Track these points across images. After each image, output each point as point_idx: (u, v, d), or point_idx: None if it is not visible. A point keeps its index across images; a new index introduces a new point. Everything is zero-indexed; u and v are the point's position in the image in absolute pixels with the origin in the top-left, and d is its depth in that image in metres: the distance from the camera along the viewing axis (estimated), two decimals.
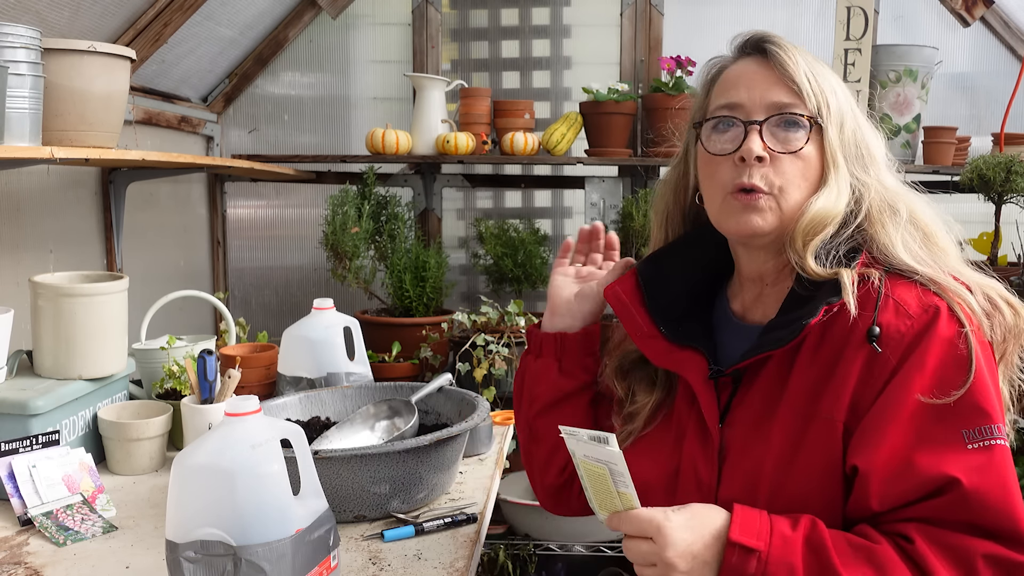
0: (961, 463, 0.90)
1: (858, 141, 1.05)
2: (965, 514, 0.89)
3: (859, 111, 1.07)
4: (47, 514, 1.38)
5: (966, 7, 2.84)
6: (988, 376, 0.93)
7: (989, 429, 0.91)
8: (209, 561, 1.01)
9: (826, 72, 1.05)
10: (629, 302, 1.13)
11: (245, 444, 1.04)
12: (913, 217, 1.04)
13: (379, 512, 1.40)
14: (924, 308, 0.95)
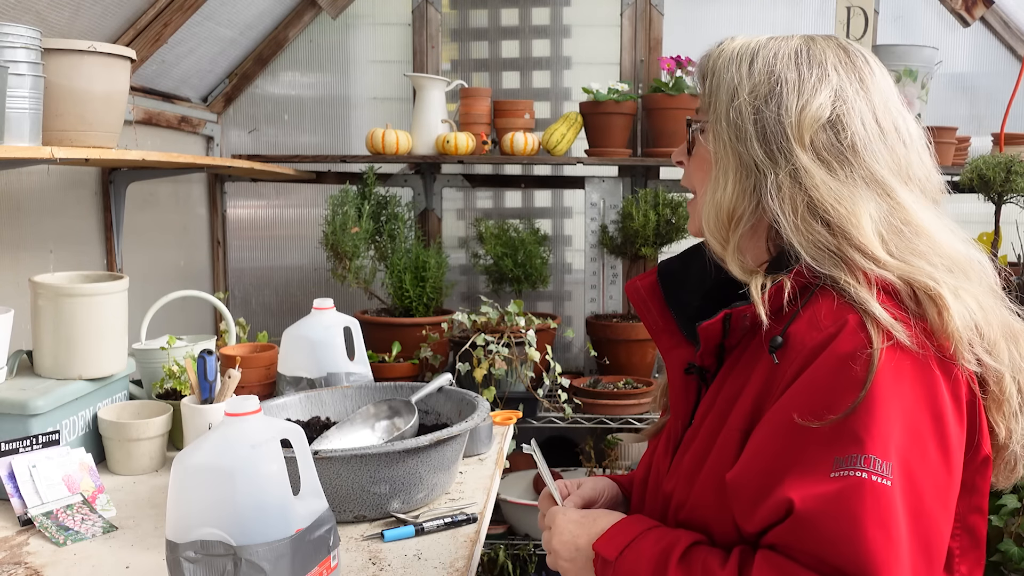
0: (809, 488, 0.82)
1: (766, 135, 0.95)
2: (808, 544, 0.82)
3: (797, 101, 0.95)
4: (47, 514, 1.38)
5: (966, 7, 2.84)
6: (886, 403, 0.83)
7: (855, 459, 0.81)
8: (209, 561, 1.01)
9: (743, 65, 0.97)
10: (647, 296, 1.12)
11: (245, 444, 1.04)
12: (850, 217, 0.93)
13: (379, 512, 1.40)
14: (833, 320, 0.87)
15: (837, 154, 0.94)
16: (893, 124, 0.97)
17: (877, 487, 0.81)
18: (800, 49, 0.98)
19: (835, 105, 0.95)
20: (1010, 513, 1.83)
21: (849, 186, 0.93)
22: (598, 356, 2.59)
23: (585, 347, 2.68)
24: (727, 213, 0.96)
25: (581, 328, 2.82)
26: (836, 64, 0.97)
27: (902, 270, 0.89)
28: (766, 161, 0.94)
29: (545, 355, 2.30)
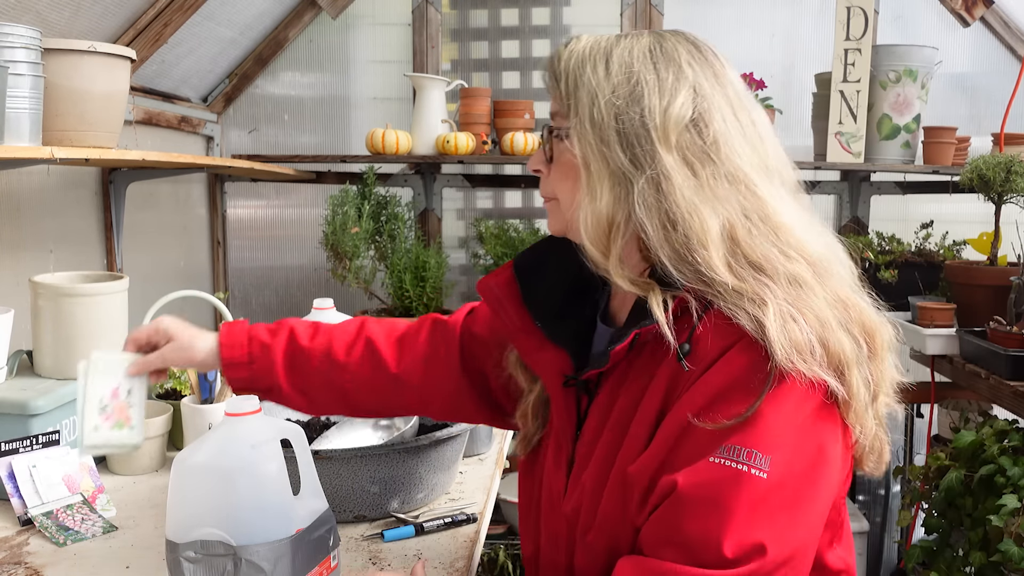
0: (693, 475, 0.85)
1: (631, 139, 0.92)
2: (677, 528, 0.84)
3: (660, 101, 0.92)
4: (47, 514, 1.38)
5: (966, 7, 2.84)
6: (774, 404, 0.85)
7: (738, 451, 0.84)
8: (209, 561, 1.01)
9: (599, 66, 0.94)
10: (503, 295, 1.07)
11: (245, 444, 1.04)
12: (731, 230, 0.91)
13: (379, 512, 1.40)
14: (730, 330, 0.88)
15: (701, 154, 0.91)
16: (750, 118, 0.96)
17: (754, 479, 0.83)
18: (653, 47, 0.95)
19: (695, 103, 0.92)
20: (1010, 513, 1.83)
21: (709, 190, 0.90)
22: None
23: None
24: (607, 222, 0.92)
25: None
26: (689, 60, 0.95)
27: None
28: (631, 168, 0.91)
29: None
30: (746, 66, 2.68)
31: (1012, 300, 2.12)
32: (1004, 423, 2.09)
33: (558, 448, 1.03)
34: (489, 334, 1.19)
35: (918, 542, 2.16)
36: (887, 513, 3.09)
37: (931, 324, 2.30)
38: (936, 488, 2.12)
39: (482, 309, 1.23)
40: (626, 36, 0.97)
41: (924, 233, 2.73)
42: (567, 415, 1.02)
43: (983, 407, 2.50)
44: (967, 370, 2.17)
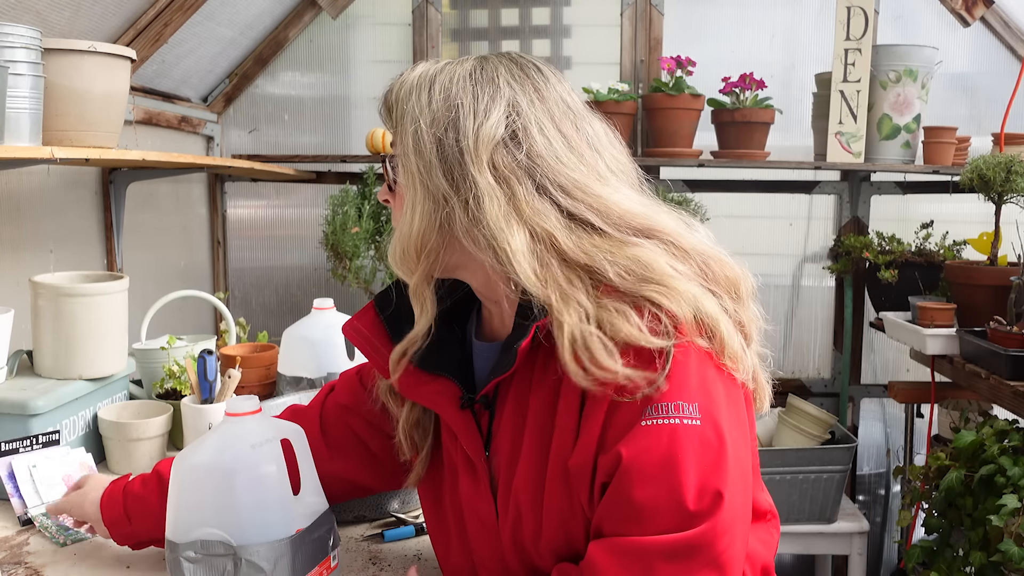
0: (632, 443, 0.86)
1: (448, 163, 0.94)
2: (629, 501, 0.85)
3: (473, 122, 0.94)
4: (47, 514, 1.38)
5: (966, 7, 2.84)
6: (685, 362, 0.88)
7: (666, 407, 0.86)
8: (209, 561, 1.01)
9: (422, 94, 0.96)
10: (372, 335, 1.07)
11: (245, 444, 1.04)
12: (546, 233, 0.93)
13: (379, 512, 1.40)
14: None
15: (518, 169, 0.93)
16: (577, 129, 0.98)
17: (689, 429, 0.85)
18: (474, 70, 0.97)
19: (510, 120, 0.94)
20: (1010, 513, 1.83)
21: (525, 205, 0.92)
22: None
23: None
24: (415, 247, 0.95)
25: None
26: (509, 79, 0.97)
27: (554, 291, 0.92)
28: (450, 191, 0.93)
29: None
30: (746, 66, 2.68)
31: (1012, 300, 2.12)
32: (1004, 423, 2.09)
33: (473, 474, 1.02)
34: (353, 399, 1.20)
35: (918, 542, 2.16)
36: (887, 513, 3.09)
37: (931, 324, 2.30)
38: (936, 488, 2.12)
39: (341, 380, 1.25)
40: (452, 62, 0.99)
41: (924, 233, 2.73)
42: (471, 437, 1.01)
43: (983, 407, 2.50)
44: (967, 370, 2.17)
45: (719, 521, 0.83)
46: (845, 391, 2.98)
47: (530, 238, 0.91)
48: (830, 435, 2.52)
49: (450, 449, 1.06)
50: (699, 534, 0.83)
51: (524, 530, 0.96)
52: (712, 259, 0.96)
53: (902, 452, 2.63)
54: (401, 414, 1.10)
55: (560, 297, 0.90)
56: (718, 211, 2.77)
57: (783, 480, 2.42)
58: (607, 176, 0.97)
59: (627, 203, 0.95)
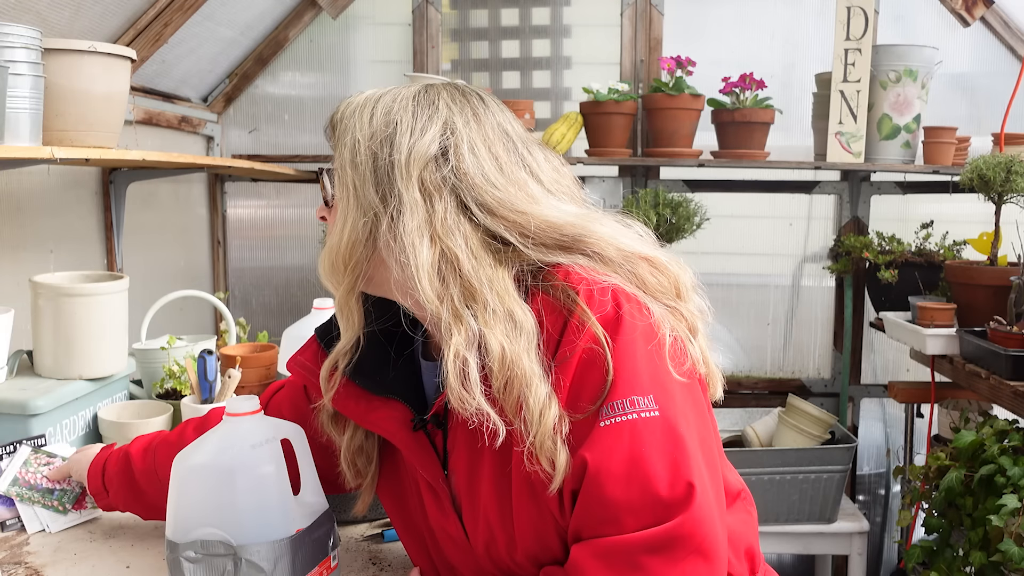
0: (595, 447, 0.86)
1: (379, 177, 0.97)
2: (604, 503, 0.85)
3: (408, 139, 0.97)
4: (14, 481, 1.36)
5: (966, 7, 2.84)
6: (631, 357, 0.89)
7: (621, 404, 0.86)
8: (209, 561, 1.01)
9: (364, 113, 1.00)
10: (315, 367, 1.07)
11: (245, 444, 1.04)
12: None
13: (379, 512, 1.40)
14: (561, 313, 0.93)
15: (442, 186, 0.95)
16: (507, 151, 0.99)
17: (648, 421, 0.86)
18: (418, 93, 1.00)
19: (443, 138, 0.97)
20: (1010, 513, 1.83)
21: (439, 222, 0.94)
22: None
23: None
24: (343, 259, 0.99)
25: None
26: (449, 102, 1.00)
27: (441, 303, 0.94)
28: (379, 204, 0.96)
29: None
30: (746, 66, 2.69)
31: (1012, 300, 2.12)
32: (1004, 423, 2.09)
33: (435, 496, 1.02)
34: (298, 414, 1.18)
35: (918, 542, 2.17)
36: (887, 513, 3.09)
37: (931, 324, 2.30)
38: (936, 488, 2.12)
39: (287, 390, 1.24)
40: (399, 87, 1.03)
41: (924, 233, 2.73)
42: (427, 459, 1.00)
43: (983, 407, 2.50)
44: (967, 370, 2.17)
45: (696, 508, 0.84)
46: (845, 391, 2.98)
47: (439, 256, 0.93)
48: (830, 435, 2.52)
49: (411, 471, 1.06)
50: (678, 524, 0.83)
51: (498, 545, 0.96)
52: (643, 263, 0.96)
53: (902, 452, 2.63)
54: (343, 441, 1.10)
55: (452, 316, 0.91)
56: (718, 211, 2.77)
57: (783, 480, 2.42)
58: (539, 196, 0.98)
59: (555, 216, 0.96)
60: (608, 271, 0.94)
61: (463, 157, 0.97)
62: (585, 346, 0.89)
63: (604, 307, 0.90)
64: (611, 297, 0.91)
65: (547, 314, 0.92)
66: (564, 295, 0.92)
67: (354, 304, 1.01)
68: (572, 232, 0.95)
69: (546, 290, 0.93)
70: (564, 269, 0.94)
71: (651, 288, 0.95)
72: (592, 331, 0.88)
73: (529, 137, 1.05)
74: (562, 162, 1.06)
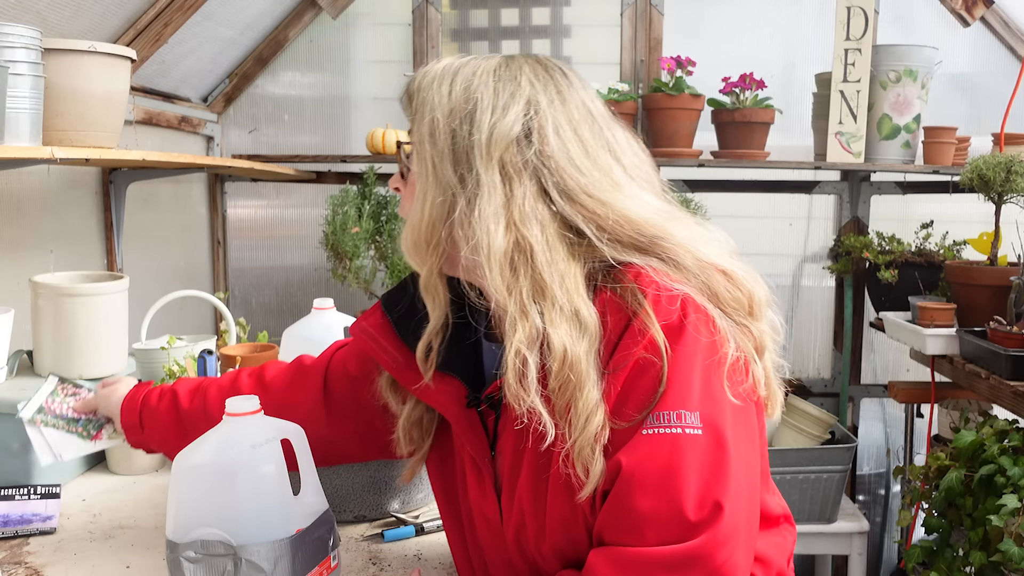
0: (632, 452, 0.85)
1: (457, 156, 0.93)
2: (630, 510, 0.84)
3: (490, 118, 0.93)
4: (40, 410, 1.32)
5: (966, 7, 2.84)
6: (681, 367, 0.86)
7: (667, 416, 0.85)
8: (209, 561, 1.01)
9: (443, 86, 0.96)
10: (378, 335, 1.06)
11: (245, 444, 1.04)
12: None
13: (379, 512, 1.40)
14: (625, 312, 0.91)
15: (523, 169, 0.92)
16: (593, 132, 0.96)
17: (691, 438, 0.84)
18: (499, 67, 0.96)
19: (527, 118, 0.93)
20: (1010, 513, 1.83)
21: (514, 210, 0.90)
22: None
23: None
24: (425, 238, 0.95)
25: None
26: (532, 78, 0.96)
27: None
28: (458, 185, 0.92)
29: None
30: (746, 66, 2.68)
31: (1012, 300, 2.12)
32: (1004, 423, 2.09)
33: (479, 475, 1.02)
34: (362, 371, 1.18)
35: (918, 542, 2.17)
36: (887, 513, 3.09)
37: (931, 324, 2.30)
38: (936, 488, 2.12)
39: (352, 346, 1.22)
40: (477, 57, 0.99)
41: (924, 233, 2.73)
42: (476, 438, 1.00)
43: (983, 407, 2.50)
44: (967, 370, 2.17)
45: (719, 532, 0.82)
46: (845, 391, 2.98)
47: (514, 244, 0.90)
48: (830, 435, 2.52)
49: (459, 448, 1.06)
50: (699, 545, 0.82)
51: (527, 533, 0.96)
52: (719, 275, 0.93)
53: (902, 452, 2.63)
54: (403, 411, 1.10)
55: (519, 310, 0.89)
56: (718, 211, 2.77)
57: (783, 480, 2.42)
58: (623, 183, 0.95)
59: (635, 211, 0.93)
60: (681, 278, 0.91)
61: (547, 139, 0.93)
62: (642, 353, 0.87)
63: (670, 315, 0.87)
64: (679, 306, 0.88)
65: (610, 314, 0.90)
66: (631, 296, 0.89)
67: (440, 283, 0.98)
68: (650, 232, 0.92)
69: (613, 288, 0.90)
70: (636, 269, 0.91)
71: (723, 301, 0.92)
72: (652, 337, 0.86)
73: (611, 116, 1.00)
74: (642, 146, 1.02)
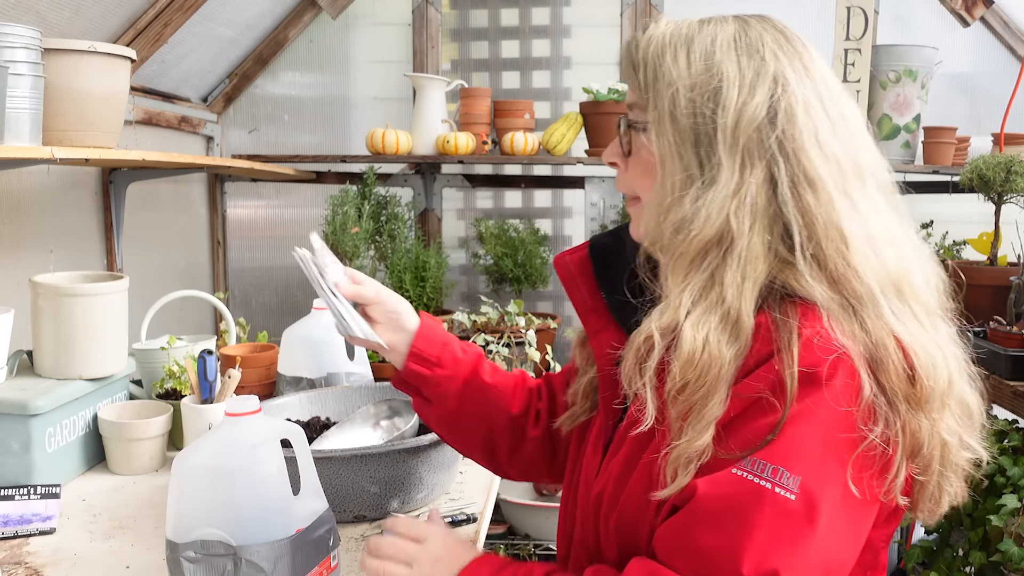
0: (714, 485, 0.80)
1: (699, 137, 0.86)
2: (691, 542, 0.80)
3: (737, 97, 0.85)
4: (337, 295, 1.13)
5: (966, 7, 2.84)
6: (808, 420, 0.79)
7: (763, 465, 0.78)
8: (209, 561, 1.01)
9: (679, 55, 0.88)
10: (576, 272, 1.04)
11: (245, 444, 1.04)
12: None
13: (379, 512, 1.40)
14: (780, 335, 0.84)
15: (762, 154, 0.85)
16: (841, 112, 0.88)
17: (778, 499, 0.78)
18: (737, 35, 0.88)
19: (774, 98, 0.85)
20: (1010, 513, 1.83)
21: (737, 204, 0.84)
22: None
23: None
24: (673, 223, 0.87)
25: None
26: (775, 50, 0.87)
27: None
28: (695, 168, 0.86)
29: (545, 355, 2.30)
30: None
31: (1012, 300, 2.12)
32: (1004, 423, 2.09)
33: (600, 431, 1.01)
34: (563, 383, 1.19)
35: (918, 542, 2.16)
36: None
37: None
38: None
39: (565, 368, 1.22)
40: (709, 22, 0.90)
41: (924, 233, 2.73)
42: (613, 396, 0.99)
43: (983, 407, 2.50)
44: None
45: None
46: None
47: (720, 234, 0.84)
48: None
49: (601, 404, 1.04)
50: None
51: (604, 501, 0.94)
52: (894, 347, 0.82)
53: None
54: (587, 373, 1.08)
55: (677, 297, 0.84)
56: None
57: None
58: (864, 173, 0.87)
59: (852, 227, 0.84)
60: (851, 333, 0.82)
61: (795, 119, 0.85)
62: (767, 393, 0.80)
63: (814, 366, 0.80)
64: (829, 363, 0.80)
65: (758, 340, 0.83)
66: (786, 334, 0.82)
67: None
68: (854, 262, 0.83)
69: (773, 316, 0.83)
70: (807, 308, 0.83)
71: (887, 375, 0.81)
72: (784, 382, 0.79)
73: (844, 90, 0.91)
74: (868, 124, 0.92)
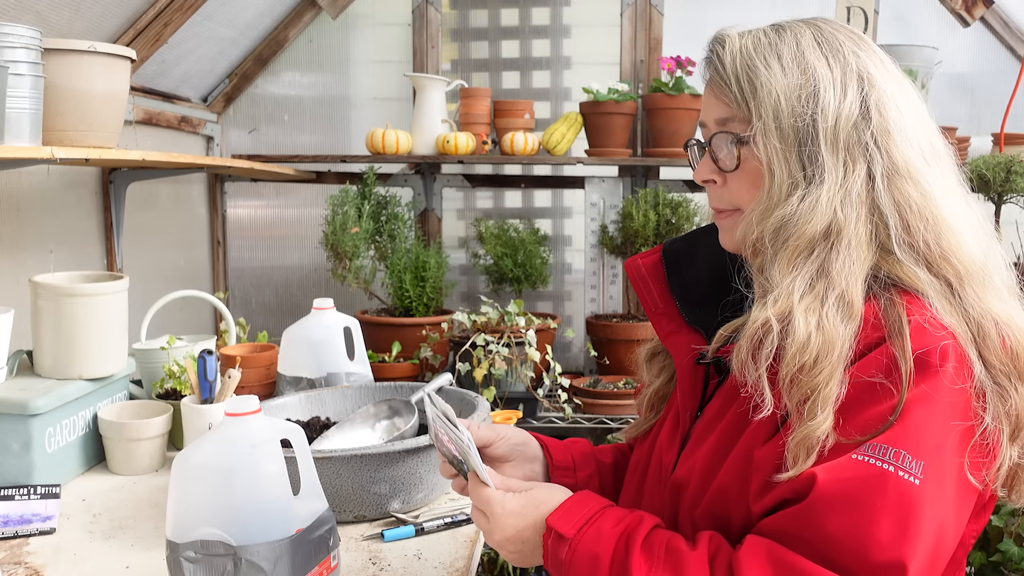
0: (835, 472, 0.80)
1: (801, 141, 0.88)
2: (815, 528, 0.79)
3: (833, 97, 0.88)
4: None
5: (966, 7, 2.84)
6: (928, 404, 0.81)
7: (885, 449, 0.79)
8: (209, 561, 1.01)
9: (772, 62, 0.91)
10: (648, 275, 1.07)
11: (245, 444, 1.04)
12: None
13: (379, 512, 1.40)
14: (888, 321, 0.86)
15: (862, 150, 0.87)
16: (912, 99, 0.91)
17: (903, 483, 0.78)
18: (817, 36, 0.91)
19: (863, 94, 0.88)
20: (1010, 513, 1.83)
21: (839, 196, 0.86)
22: (598, 356, 2.59)
23: (585, 347, 2.68)
24: (772, 230, 0.89)
25: (581, 328, 2.82)
26: (854, 48, 0.91)
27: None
28: (799, 172, 0.88)
29: (545, 355, 2.30)
30: None
31: None
32: None
33: (675, 425, 1.04)
34: None
35: None
36: None
37: None
38: None
39: None
40: (783, 28, 0.94)
41: None
42: (692, 393, 1.01)
43: None
44: None
45: None
46: None
47: (827, 228, 0.86)
48: None
49: (672, 400, 1.07)
50: None
51: (687, 493, 0.95)
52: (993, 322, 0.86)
53: None
54: (653, 383, 1.11)
55: (788, 286, 0.85)
56: None
57: None
58: (940, 158, 0.90)
59: (953, 210, 0.87)
60: (954, 312, 0.85)
61: (886, 112, 0.87)
62: (881, 378, 0.81)
63: (926, 351, 0.81)
64: (940, 348, 0.82)
65: (867, 326, 0.85)
66: (896, 320, 0.84)
67: None
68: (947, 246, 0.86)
69: (879, 303, 0.86)
70: (912, 296, 0.86)
71: (990, 351, 0.85)
72: (900, 366, 0.81)
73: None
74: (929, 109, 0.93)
